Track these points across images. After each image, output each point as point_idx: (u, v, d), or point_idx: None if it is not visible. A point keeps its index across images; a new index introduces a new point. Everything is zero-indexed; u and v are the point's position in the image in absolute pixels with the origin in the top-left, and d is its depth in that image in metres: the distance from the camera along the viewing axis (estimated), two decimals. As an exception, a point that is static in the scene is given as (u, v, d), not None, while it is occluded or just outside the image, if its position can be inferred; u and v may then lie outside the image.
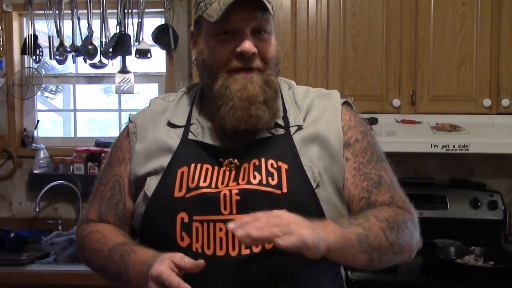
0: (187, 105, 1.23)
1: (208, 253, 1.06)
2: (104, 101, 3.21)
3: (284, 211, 0.97)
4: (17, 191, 2.93)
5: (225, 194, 1.08)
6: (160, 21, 2.89)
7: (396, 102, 2.41)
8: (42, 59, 2.89)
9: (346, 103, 1.24)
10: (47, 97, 3.13)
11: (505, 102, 2.36)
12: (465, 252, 2.31)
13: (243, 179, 1.10)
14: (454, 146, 2.27)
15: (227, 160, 1.12)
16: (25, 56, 2.91)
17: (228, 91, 1.11)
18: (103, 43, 2.79)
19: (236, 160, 1.12)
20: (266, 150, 1.13)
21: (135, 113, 1.28)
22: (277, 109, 1.16)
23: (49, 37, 2.82)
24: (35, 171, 2.85)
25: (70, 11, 2.78)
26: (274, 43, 1.16)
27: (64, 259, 2.46)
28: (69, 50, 2.82)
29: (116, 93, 2.89)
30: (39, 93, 3.01)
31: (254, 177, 1.09)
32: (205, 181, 1.10)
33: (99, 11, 2.77)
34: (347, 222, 1.03)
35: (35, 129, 2.98)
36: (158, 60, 2.91)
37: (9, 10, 2.89)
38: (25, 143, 2.94)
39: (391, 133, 2.31)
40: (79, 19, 2.81)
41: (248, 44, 1.09)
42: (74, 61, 2.89)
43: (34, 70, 2.91)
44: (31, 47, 2.82)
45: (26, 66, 2.93)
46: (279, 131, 1.16)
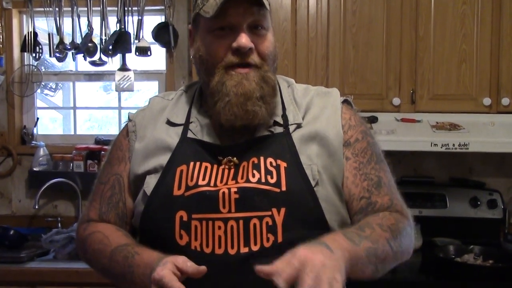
0: (186, 103, 1.23)
1: (207, 252, 1.06)
2: (103, 98, 3.21)
3: (304, 249, 0.89)
4: (17, 189, 2.93)
5: (224, 193, 1.08)
6: (160, 18, 2.88)
7: (396, 101, 2.40)
8: (42, 57, 2.88)
9: (346, 101, 1.24)
10: (46, 94, 3.13)
11: (505, 101, 2.36)
12: (464, 251, 2.31)
13: (242, 178, 1.10)
14: (453, 145, 2.27)
15: (226, 159, 1.12)
16: (25, 54, 2.91)
17: (224, 87, 1.10)
18: (103, 40, 2.79)
19: (235, 158, 1.12)
20: (265, 148, 1.13)
21: (135, 111, 1.28)
22: (274, 106, 1.16)
23: (49, 34, 2.81)
24: (34, 169, 2.84)
25: (70, 9, 2.78)
26: (272, 39, 1.15)
27: (64, 257, 2.46)
28: (69, 47, 2.81)
29: (116, 90, 2.89)
30: (38, 91, 3.00)
31: (253, 176, 1.09)
32: (204, 179, 1.10)
33: (99, 8, 2.76)
34: (357, 236, 1.00)
35: (34, 126, 2.97)
36: (158, 58, 2.91)
37: (9, 7, 2.89)
38: (24, 141, 2.94)
39: (391, 132, 2.31)
40: (79, 17, 2.80)
41: (244, 39, 1.09)
42: (74, 59, 2.88)
43: (34, 67, 2.90)
44: (31, 44, 2.81)
45: (25, 64, 2.93)
46: (278, 129, 1.16)
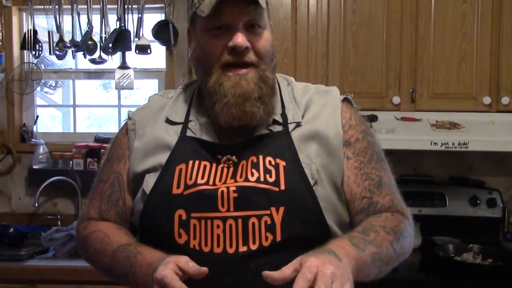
0: (185, 102, 1.22)
1: (205, 250, 1.06)
2: (103, 96, 3.21)
3: (314, 259, 0.89)
4: (17, 187, 2.93)
5: (222, 191, 1.08)
6: (160, 16, 2.88)
7: (396, 100, 2.40)
8: (41, 54, 2.88)
9: (346, 99, 1.23)
10: (46, 92, 3.13)
11: (505, 100, 2.36)
12: (463, 249, 2.31)
13: (240, 176, 1.10)
14: (453, 144, 2.27)
15: (225, 157, 1.12)
16: (25, 51, 2.91)
17: (221, 88, 1.10)
18: (103, 38, 2.79)
19: (234, 157, 1.12)
20: (264, 147, 1.13)
21: (134, 110, 1.28)
22: (273, 106, 1.16)
23: (48, 32, 2.81)
24: (34, 167, 2.84)
25: (70, 6, 2.78)
26: (269, 37, 1.14)
27: (63, 255, 2.46)
28: (68, 45, 2.81)
29: (116, 88, 2.89)
30: (38, 88, 3.00)
31: (252, 174, 1.09)
32: (203, 178, 1.10)
33: (99, 6, 2.76)
34: (362, 242, 1.01)
35: (34, 124, 2.97)
36: (158, 56, 2.91)
37: (9, 5, 2.88)
38: (24, 139, 2.94)
39: (391, 131, 2.31)
40: (79, 14, 2.80)
41: (240, 39, 1.08)
42: (74, 57, 2.88)
43: (33, 65, 2.90)
44: (30, 42, 2.81)
45: (25, 61, 2.93)
46: (277, 128, 1.16)
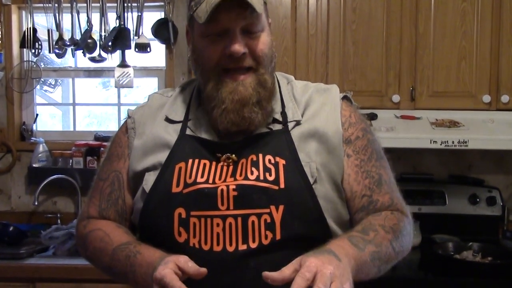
0: (185, 100, 1.22)
1: (205, 249, 1.06)
2: (103, 95, 3.21)
3: (313, 259, 0.90)
4: (16, 185, 2.93)
5: (222, 190, 1.08)
6: (160, 15, 2.88)
7: (396, 98, 2.40)
8: (41, 53, 2.87)
9: (345, 98, 1.23)
10: (46, 90, 3.13)
11: (505, 98, 2.36)
12: (463, 247, 2.31)
13: (240, 175, 1.10)
14: (453, 142, 2.27)
15: (224, 156, 1.12)
16: (24, 50, 2.90)
17: (219, 94, 1.11)
18: (103, 37, 2.78)
19: (233, 155, 1.12)
20: (264, 146, 1.13)
21: (134, 108, 1.28)
22: (271, 110, 1.16)
23: (48, 30, 2.81)
24: (34, 165, 2.84)
25: (70, 5, 2.77)
26: (266, 39, 1.14)
27: (63, 253, 2.46)
28: (68, 43, 2.81)
29: (116, 87, 2.88)
30: (38, 87, 3.00)
31: (252, 173, 1.09)
32: (202, 176, 1.10)
33: (98, 4, 2.75)
34: (362, 241, 1.02)
35: (34, 122, 2.97)
36: (157, 54, 2.90)
37: (8, 3, 2.88)
38: (24, 137, 2.94)
39: (391, 129, 2.31)
40: (78, 13, 2.80)
41: (237, 45, 1.08)
42: (73, 55, 2.88)
43: (33, 63, 2.90)
44: (30, 40, 2.81)
45: (25, 60, 2.93)
46: (277, 127, 1.16)
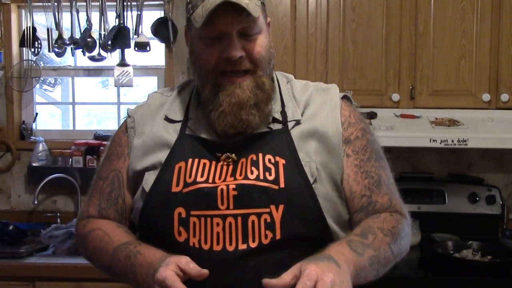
0: (184, 100, 1.22)
1: (205, 248, 1.06)
2: (102, 94, 3.20)
3: (313, 267, 0.90)
4: (16, 184, 2.93)
5: (222, 189, 1.08)
6: (160, 14, 2.87)
7: (395, 97, 2.40)
8: (40, 52, 2.87)
9: (345, 97, 1.23)
10: (45, 89, 3.13)
11: (504, 97, 2.36)
12: (462, 246, 2.32)
13: (240, 174, 1.10)
14: (452, 141, 2.27)
15: (224, 155, 1.12)
16: (24, 49, 2.90)
17: (217, 97, 1.12)
18: (102, 35, 2.78)
19: (233, 155, 1.12)
20: (264, 145, 1.13)
21: (133, 107, 1.28)
22: (269, 112, 1.16)
23: (47, 29, 2.80)
24: (33, 164, 2.84)
25: (69, 3, 2.77)
26: (264, 41, 1.14)
27: (63, 252, 2.46)
28: (67, 42, 2.80)
29: (115, 86, 2.88)
30: (37, 86, 3.00)
31: (252, 172, 1.09)
32: (202, 176, 1.10)
33: (98, 3, 2.75)
34: (360, 246, 1.02)
35: (33, 121, 2.97)
36: (157, 53, 2.90)
37: (8, 2, 2.88)
38: (23, 136, 2.93)
39: (390, 128, 2.31)
40: (78, 12, 2.79)
41: (234, 49, 1.09)
42: (73, 54, 2.88)
43: (32, 62, 2.89)
44: (29, 39, 2.80)
45: (24, 59, 2.92)
46: (276, 126, 1.16)
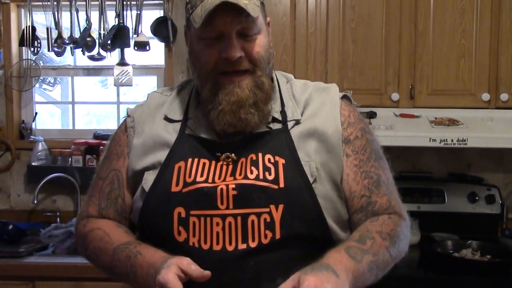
0: (184, 99, 1.22)
1: (205, 248, 1.06)
2: (102, 93, 3.20)
3: (312, 278, 0.91)
4: (15, 183, 2.93)
5: (222, 189, 1.08)
6: (159, 13, 2.87)
7: (395, 96, 2.41)
8: (40, 51, 2.87)
9: (345, 97, 1.23)
10: (45, 89, 3.13)
11: (504, 97, 2.36)
12: (462, 246, 2.32)
13: (240, 174, 1.10)
14: (452, 140, 2.27)
15: (224, 155, 1.12)
16: (23, 48, 2.90)
17: (216, 96, 1.12)
18: (102, 35, 2.78)
19: (233, 154, 1.12)
20: (263, 145, 1.13)
21: (133, 107, 1.27)
22: (268, 111, 1.16)
23: (47, 28, 2.80)
24: (33, 163, 2.84)
25: (69, 3, 2.77)
26: (263, 41, 1.14)
27: (63, 251, 2.46)
28: (67, 42, 2.80)
29: (115, 85, 2.88)
30: (37, 85, 3.00)
31: (251, 172, 1.09)
32: (202, 175, 1.10)
33: (97, 2, 2.75)
34: (359, 252, 1.02)
35: (33, 121, 2.97)
36: (156, 53, 2.90)
37: (7, 1, 2.87)
38: (23, 135, 2.93)
39: (390, 127, 2.31)
40: (77, 11, 2.79)
41: (233, 50, 1.09)
42: (73, 53, 2.88)
43: (32, 62, 2.89)
44: (29, 38, 2.80)
45: (24, 58, 2.92)
46: (276, 126, 1.16)
